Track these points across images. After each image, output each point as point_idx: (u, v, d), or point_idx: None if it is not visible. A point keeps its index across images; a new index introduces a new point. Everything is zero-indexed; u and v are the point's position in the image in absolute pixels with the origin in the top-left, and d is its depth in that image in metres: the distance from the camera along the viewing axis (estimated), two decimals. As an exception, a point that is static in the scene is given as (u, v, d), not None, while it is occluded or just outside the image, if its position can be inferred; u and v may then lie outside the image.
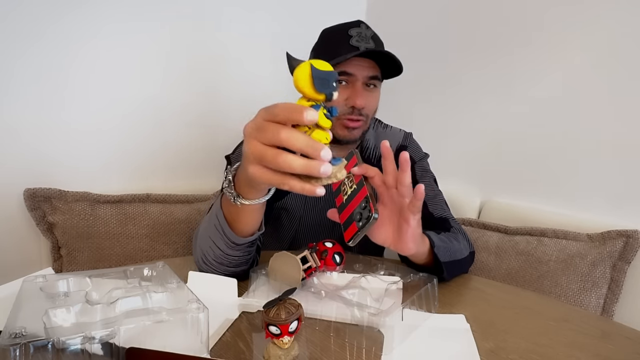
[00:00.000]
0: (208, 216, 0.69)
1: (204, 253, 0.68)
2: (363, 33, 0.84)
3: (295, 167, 0.41)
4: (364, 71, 0.84)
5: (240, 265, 0.68)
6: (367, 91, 0.86)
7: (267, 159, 0.43)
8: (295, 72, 0.42)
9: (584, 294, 0.95)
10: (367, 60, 0.84)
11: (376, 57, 0.84)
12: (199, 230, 0.72)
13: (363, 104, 0.84)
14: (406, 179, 0.58)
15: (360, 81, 0.84)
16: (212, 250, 0.66)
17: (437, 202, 0.92)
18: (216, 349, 0.51)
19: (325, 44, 0.89)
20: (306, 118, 0.40)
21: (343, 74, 0.84)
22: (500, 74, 1.28)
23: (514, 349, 0.54)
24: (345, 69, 0.84)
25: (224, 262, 0.66)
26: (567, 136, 1.13)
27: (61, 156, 1.16)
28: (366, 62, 0.84)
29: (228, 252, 0.65)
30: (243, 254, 0.66)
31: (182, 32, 1.30)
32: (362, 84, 0.85)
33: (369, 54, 0.83)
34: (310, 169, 0.41)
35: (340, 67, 0.84)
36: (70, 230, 1.09)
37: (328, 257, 0.69)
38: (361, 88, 0.85)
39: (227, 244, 0.63)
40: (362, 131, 0.89)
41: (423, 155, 0.99)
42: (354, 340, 0.54)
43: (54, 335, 0.39)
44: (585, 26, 1.08)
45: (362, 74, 0.84)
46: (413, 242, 0.61)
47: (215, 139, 1.37)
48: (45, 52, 1.10)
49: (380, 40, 0.88)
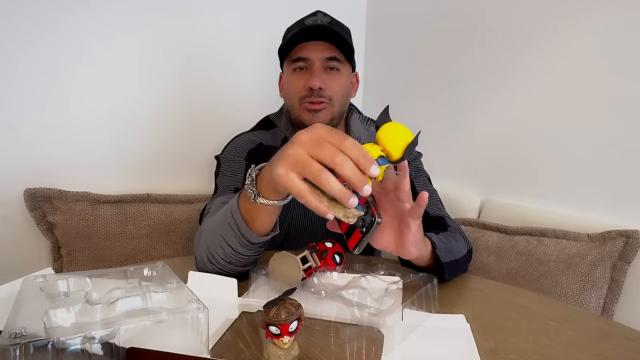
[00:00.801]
0: (219, 215, 0.68)
1: (211, 252, 0.67)
2: (319, 20, 0.87)
3: (334, 189, 0.44)
4: (318, 53, 0.87)
5: (249, 265, 0.68)
6: (327, 74, 0.88)
7: (309, 170, 0.44)
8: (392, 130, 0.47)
9: (584, 294, 0.95)
10: (322, 43, 0.87)
11: (331, 39, 0.86)
12: (204, 230, 0.72)
13: (319, 84, 0.86)
14: (406, 186, 0.57)
15: (317, 63, 0.87)
16: (223, 248, 0.65)
17: (432, 201, 0.91)
18: (216, 349, 0.51)
19: (283, 38, 0.94)
20: (371, 173, 0.44)
21: (300, 60, 0.88)
22: (501, 74, 1.28)
23: (514, 349, 0.54)
24: (300, 55, 0.87)
25: (233, 261, 0.66)
26: (567, 136, 1.13)
27: (61, 156, 1.16)
28: (321, 45, 0.87)
29: (240, 251, 0.64)
30: (254, 253, 0.66)
31: (182, 32, 1.30)
32: (320, 67, 0.87)
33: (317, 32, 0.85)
34: (344, 196, 0.44)
35: (295, 54, 0.87)
36: (70, 230, 1.09)
37: (328, 257, 0.69)
38: (318, 70, 0.87)
39: (242, 242, 0.63)
40: (329, 115, 0.90)
41: (416, 154, 0.99)
42: (354, 340, 0.54)
43: (54, 335, 0.39)
44: (585, 26, 1.08)
45: (318, 57, 0.87)
46: (415, 246, 0.60)
47: (215, 139, 1.37)
48: (45, 53, 1.10)
49: (343, 26, 0.91)
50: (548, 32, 1.16)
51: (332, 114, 0.90)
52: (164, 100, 1.30)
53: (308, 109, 0.88)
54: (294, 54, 0.88)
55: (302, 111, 0.89)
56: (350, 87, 0.96)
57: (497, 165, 1.31)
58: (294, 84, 0.90)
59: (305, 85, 0.87)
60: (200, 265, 0.71)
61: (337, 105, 0.90)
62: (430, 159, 0.99)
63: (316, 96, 0.86)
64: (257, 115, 1.04)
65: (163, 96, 1.30)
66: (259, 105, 1.44)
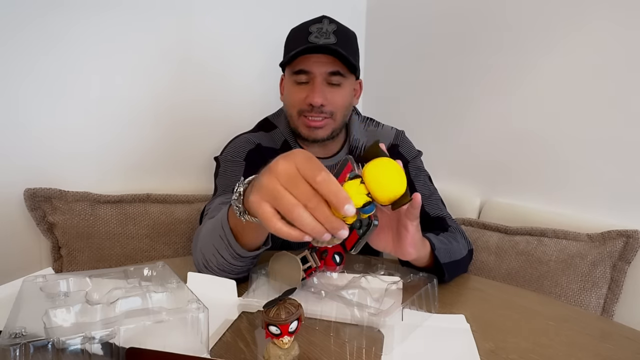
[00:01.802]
0: (212, 223, 0.67)
1: (206, 259, 0.67)
2: (324, 28, 0.82)
3: (306, 227, 0.40)
4: (321, 67, 0.82)
5: (243, 272, 0.68)
6: (329, 88, 0.84)
7: (282, 205, 0.40)
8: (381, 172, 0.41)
9: (584, 294, 0.95)
10: (325, 56, 0.82)
11: (334, 52, 0.81)
12: (200, 235, 0.72)
13: (320, 101, 0.82)
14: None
15: (320, 78, 0.83)
16: (216, 257, 0.65)
17: (432, 201, 0.91)
18: (216, 349, 0.51)
19: (287, 44, 0.89)
20: (345, 213, 0.39)
21: (301, 72, 0.83)
22: (501, 74, 1.27)
23: (514, 349, 0.54)
24: (302, 67, 0.83)
25: (226, 270, 0.66)
26: (567, 136, 1.13)
27: (61, 156, 1.16)
28: (324, 58, 0.82)
29: (232, 262, 0.64)
30: (247, 264, 0.66)
31: (183, 32, 1.30)
32: (322, 81, 0.83)
33: (323, 50, 0.80)
34: (318, 235, 0.40)
35: (298, 66, 0.83)
36: (70, 230, 1.09)
37: (328, 257, 0.69)
38: (320, 85, 0.83)
39: (232, 255, 0.63)
40: (330, 129, 0.87)
41: (416, 153, 0.97)
42: (354, 340, 0.54)
43: (54, 335, 0.39)
44: (585, 26, 1.08)
45: (320, 71, 0.82)
46: (413, 247, 0.60)
47: (215, 140, 1.37)
48: (45, 53, 1.10)
49: (349, 33, 0.86)
50: (548, 33, 1.16)
51: (333, 129, 0.88)
52: (164, 100, 1.30)
53: (307, 125, 0.85)
54: (296, 64, 0.84)
55: (300, 125, 0.87)
56: (352, 97, 0.92)
57: (497, 165, 1.31)
58: (294, 95, 0.86)
59: (306, 99, 0.84)
60: (198, 268, 0.71)
61: (339, 117, 0.88)
62: (430, 159, 0.99)
63: (317, 112, 0.83)
64: (257, 116, 1.04)
65: (163, 96, 1.30)
66: (259, 105, 1.44)
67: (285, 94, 0.92)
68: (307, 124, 0.86)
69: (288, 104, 0.90)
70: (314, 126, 0.85)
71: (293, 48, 0.83)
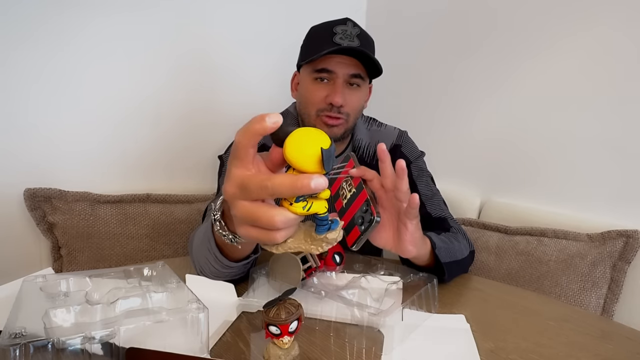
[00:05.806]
0: (202, 233, 0.66)
1: (201, 265, 0.68)
2: (349, 31, 0.83)
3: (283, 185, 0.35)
4: (344, 69, 0.84)
5: (240, 275, 0.68)
6: (349, 89, 0.86)
7: (262, 221, 0.36)
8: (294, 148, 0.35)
9: (584, 294, 0.95)
10: (349, 58, 0.84)
11: (359, 55, 0.83)
12: (193, 241, 0.72)
13: (341, 102, 0.84)
14: (403, 186, 0.57)
15: (341, 79, 0.84)
16: (208, 267, 0.66)
17: (434, 201, 0.91)
18: (216, 349, 0.51)
19: (310, 42, 0.90)
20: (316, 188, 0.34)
21: (324, 71, 0.85)
22: (501, 74, 1.27)
23: (514, 349, 0.54)
24: (326, 66, 0.84)
25: (221, 276, 0.67)
26: (567, 136, 1.13)
27: (61, 156, 1.15)
28: (348, 60, 0.84)
29: (224, 270, 0.65)
30: (240, 271, 0.66)
31: (183, 32, 1.30)
32: (343, 82, 0.85)
33: (350, 52, 0.82)
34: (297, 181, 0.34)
35: (321, 64, 0.84)
36: (70, 230, 1.09)
37: (328, 257, 0.69)
38: (341, 86, 0.84)
39: (222, 265, 0.63)
40: (343, 129, 0.89)
41: (419, 154, 0.98)
42: (354, 340, 0.54)
43: (54, 335, 0.39)
44: (585, 25, 1.08)
45: (343, 72, 0.84)
46: (413, 245, 0.60)
47: (215, 139, 1.37)
48: (45, 53, 1.10)
49: (369, 38, 0.87)
50: (548, 33, 1.16)
51: (346, 129, 0.89)
52: (165, 100, 1.30)
53: (326, 123, 0.86)
54: (319, 63, 0.84)
55: (318, 123, 0.88)
56: (365, 100, 0.94)
57: (497, 165, 1.31)
58: (314, 94, 0.87)
59: (326, 99, 0.84)
60: (195, 271, 0.71)
61: (352, 120, 0.90)
62: (430, 159, 0.99)
63: (335, 112, 0.85)
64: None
65: (163, 96, 1.30)
66: (261, 105, 1.44)
67: (302, 91, 0.91)
68: (326, 122, 0.86)
69: (305, 101, 0.90)
70: (331, 124, 0.86)
71: (317, 46, 0.83)
